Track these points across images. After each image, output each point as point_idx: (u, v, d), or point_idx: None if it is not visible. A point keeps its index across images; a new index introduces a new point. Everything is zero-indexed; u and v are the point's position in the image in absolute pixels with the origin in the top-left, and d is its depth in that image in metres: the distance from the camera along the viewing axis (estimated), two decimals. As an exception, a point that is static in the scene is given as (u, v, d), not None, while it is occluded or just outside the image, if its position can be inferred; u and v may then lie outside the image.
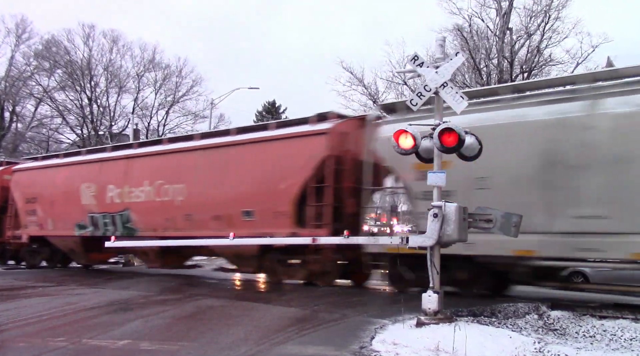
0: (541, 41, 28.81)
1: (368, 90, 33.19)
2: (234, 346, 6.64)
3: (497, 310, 8.95)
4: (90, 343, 6.90)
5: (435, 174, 7.72)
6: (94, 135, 41.41)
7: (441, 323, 7.23)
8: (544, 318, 8.50)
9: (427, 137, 7.88)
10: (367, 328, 7.45)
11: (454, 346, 6.20)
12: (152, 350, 6.55)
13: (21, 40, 41.02)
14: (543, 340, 6.76)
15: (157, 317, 8.56)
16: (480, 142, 8.03)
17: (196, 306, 9.57)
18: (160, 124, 45.26)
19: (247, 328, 7.60)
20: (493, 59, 29.12)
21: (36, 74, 41.24)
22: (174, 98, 45.09)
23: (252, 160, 13.20)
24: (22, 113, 42.47)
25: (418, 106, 7.96)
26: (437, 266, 7.69)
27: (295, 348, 6.56)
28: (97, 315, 8.92)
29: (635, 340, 7.17)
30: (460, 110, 7.78)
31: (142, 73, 44.08)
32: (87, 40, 42.37)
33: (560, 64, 28.83)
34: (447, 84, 7.77)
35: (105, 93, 43.12)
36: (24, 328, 7.94)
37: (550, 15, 28.43)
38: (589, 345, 6.98)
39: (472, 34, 29.60)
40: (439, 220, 7.52)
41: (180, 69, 44.90)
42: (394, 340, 6.63)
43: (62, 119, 42.61)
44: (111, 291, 11.81)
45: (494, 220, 8.03)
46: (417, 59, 8.06)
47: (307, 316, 8.57)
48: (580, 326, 7.97)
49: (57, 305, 9.81)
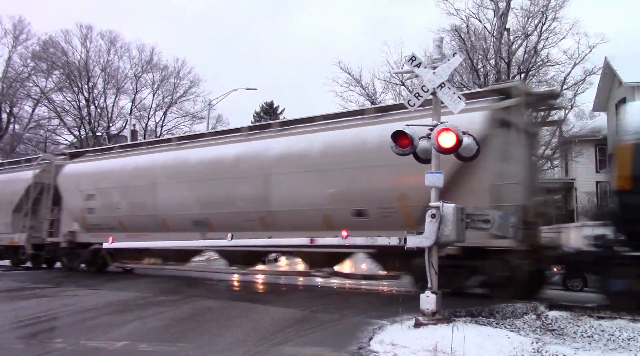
0: (538, 42, 28.92)
1: (366, 91, 33.28)
2: (232, 347, 6.64)
3: (495, 310, 8.95)
4: (88, 344, 6.90)
5: (432, 175, 7.74)
6: (92, 136, 41.37)
7: (439, 324, 7.23)
8: (542, 319, 8.51)
9: (425, 137, 7.90)
10: (366, 328, 7.45)
11: (452, 347, 6.20)
12: (150, 351, 6.55)
13: (19, 41, 41.06)
14: (541, 340, 6.77)
15: (155, 318, 8.55)
16: (478, 143, 8.06)
17: (195, 308, 9.56)
18: (158, 125, 45.31)
19: (245, 329, 7.60)
20: (490, 60, 29.19)
21: (34, 75, 41.27)
22: (171, 99, 45.16)
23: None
24: (19, 114, 42.51)
25: (416, 106, 7.97)
26: (435, 266, 7.70)
27: (294, 349, 6.56)
28: (96, 316, 8.90)
29: (633, 340, 7.18)
30: (457, 111, 7.79)
31: (139, 74, 44.15)
32: (84, 41, 42.43)
33: (558, 64, 28.94)
34: (445, 85, 7.78)
35: (103, 94, 43.17)
36: (22, 329, 7.93)
37: (548, 15, 28.56)
38: (587, 345, 6.99)
39: (469, 34, 29.66)
40: (437, 220, 7.53)
41: (178, 70, 45.03)
42: (392, 341, 6.63)
43: (59, 120, 42.62)
44: (109, 293, 11.79)
45: (492, 221, 8.05)
46: (415, 59, 8.07)
47: (306, 317, 8.57)
48: (578, 326, 7.98)
49: (55, 307, 9.80)
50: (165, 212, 14.56)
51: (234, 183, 13.10)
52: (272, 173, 12.48)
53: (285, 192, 12.26)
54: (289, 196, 12.21)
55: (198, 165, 14.10)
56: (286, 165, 12.33)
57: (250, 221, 12.75)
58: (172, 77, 45.04)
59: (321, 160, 11.84)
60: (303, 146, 12.33)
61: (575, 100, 29.99)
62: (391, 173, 10.62)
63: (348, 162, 11.41)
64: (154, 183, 14.86)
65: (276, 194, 12.38)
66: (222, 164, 13.58)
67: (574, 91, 29.28)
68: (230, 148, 13.75)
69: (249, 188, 12.84)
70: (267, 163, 12.65)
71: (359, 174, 11.26)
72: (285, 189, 12.28)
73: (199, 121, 45.48)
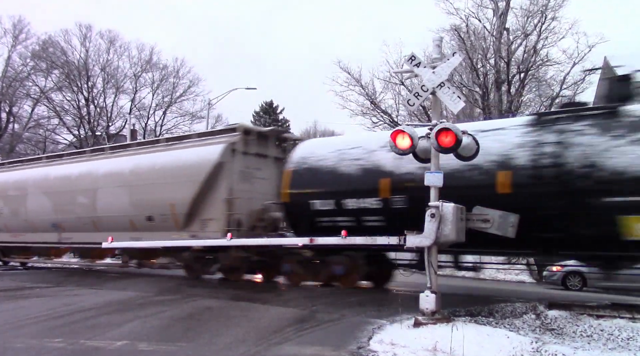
0: (538, 41, 28.84)
1: (365, 91, 33.20)
2: (232, 346, 6.64)
3: (494, 310, 8.97)
4: (88, 344, 6.89)
5: (432, 174, 7.75)
6: (91, 135, 41.34)
7: (439, 324, 7.24)
8: (542, 318, 8.52)
9: (425, 137, 7.91)
10: (365, 328, 7.46)
11: (451, 347, 6.21)
12: (150, 351, 6.54)
13: (18, 40, 40.99)
14: (540, 340, 6.78)
15: (155, 318, 8.55)
16: (477, 142, 8.06)
17: (194, 307, 9.56)
18: (158, 124, 45.28)
19: (245, 329, 7.60)
20: (490, 59, 29.14)
21: (33, 74, 41.19)
22: (171, 98, 45.09)
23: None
24: (19, 114, 42.44)
25: (416, 106, 7.98)
26: (434, 266, 7.70)
27: (294, 348, 6.56)
28: (95, 315, 8.90)
29: (632, 340, 7.19)
30: (457, 110, 7.81)
31: (139, 73, 44.07)
32: (84, 40, 42.36)
33: (557, 64, 28.88)
34: (445, 84, 7.79)
35: (102, 93, 43.11)
36: (22, 329, 7.92)
37: (547, 15, 28.48)
38: (586, 344, 7.00)
39: (469, 34, 29.61)
40: (436, 220, 7.54)
41: (178, 69, 44.95)
42: (391, 340, 6.64)
43: (59, 120, 42.55)
44: (109, 292, 11.79)
45: (492, 220, 8.06)
46: (414, 59, 8.08)
47: (306, 316, 8.57)
48: (578, 326, 7.99)
49: (55, 306, 9.80)
50: (34, 217, 18.32)
51: (76, 194, 16.77)
52: (99, 188, 16.22)
53: (106, 202, 15.95)
54: (109, 205, 15.86)
55: (54, 180, 17.90)
56: (108, 181, 16.07)
57: (86, 224, 16.48)
58: (171, 76, 44.99)
59: (129, 178, 15.50)
60: (119, 166, 16.12)
61: (574, 100, 29.98)
62: (166, 188, 14.32)
63: (144, 180, 15.01)
64: (26, 193, 18.62)
65: (100, 204, 16.10)
66: (69, 180, 17.36)
67: (574, 90, 29.28)
68: (75, 167, 17.62)
69: (85, 199, 16.54)
70: (96, 179, 16.43)
71: (150, 189, 14.75)
72: (106, 200, 15.98)
73: (198, 120, 45.49)
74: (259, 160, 14.38)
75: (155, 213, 14.59)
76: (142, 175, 15.08)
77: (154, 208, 14.55)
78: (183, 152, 14.73)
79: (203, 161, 13.86)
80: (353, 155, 11.68)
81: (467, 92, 28.48)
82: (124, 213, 15.33)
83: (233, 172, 13.70)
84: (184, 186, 13.89)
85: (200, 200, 13.82)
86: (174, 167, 14.41)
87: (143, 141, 19.66)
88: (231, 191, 13.58)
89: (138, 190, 15.00)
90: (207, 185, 13.66)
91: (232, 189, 13.60)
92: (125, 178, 15.51)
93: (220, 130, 16.25)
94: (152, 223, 14.66)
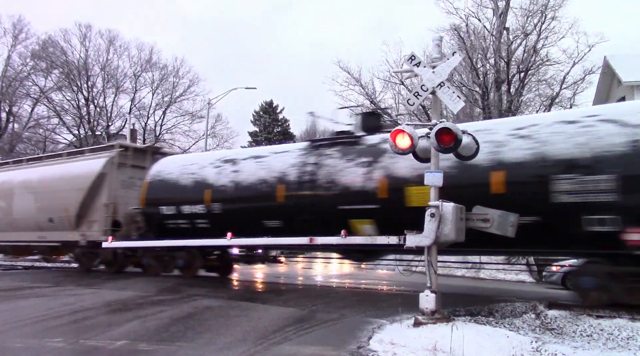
0: (538, 41, 28.88)
1: (365, 90, 33.26)
2: (232, 346, 6.64)
3: (494, 309, 8.96)
4: (87, 343, 6.88)
5: (432, 174, 7.74)
6: (91, 135, 41.34)
7: (439, 323, 7.24)
8: (541, 318, 8.51)
9: (424, 137, 7.90)
10: (365, 328, 7.46)
11: (451, 346, 6.21)
12: (150, 350, 6.54)
13: (18, 40, 41.05)
14: (540, 340, 6.78)
15: (154, 318, 8.54)
16: (477, 142, 8.06)
17: (194, 307, 9.55)
18: (158, 124, 45.27)
19: (245, 329, 7.60)
20: (490, 59, 29.16)
21: (33, 74, 41.24)
22: (171, 98, 45.11)
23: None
24: (19, 113, 42.48)
25: (415, 106, 7.97)
26: (434, 266, 7.70)
27: (293, 348, 6.56)
28: (95, 315, 8.89)
29: (632, 339, 7.19)
30: (457, 110, 7.81)
31: (139, 73, 44.10)
32: (83, 40, 42.41)
33: (557, 63, 28.93)
34: (444, 84, 7.78)
35: (102, 93, 43.14)
36: (21, 329, 7.92)
37: (547, 15, 28.52)
38: (586, 344, 7.00)
39: (469, 33, 29.64)
40: (436, 219, 7.53)
41: (177, 69, 44.97)
42: (391, 340, 6.63)
43: (59, 119, 42.58)
44: (108, 292, 11.78)
45: (491, 220, 8.06)
46: (414, 58, 8.07)
47: (305, 316, 8.57)
48: (578, 325, 7.98)
49: (54, 306, 9.78)
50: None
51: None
52: (14, 194, 18.95)
53: (19, 206, 18.68)
54: (21, 209, 18.56)
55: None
56: (21, 188, 18.85)
57: (6, 224, 19.08)
58: (171, 76, 45.06)
59: (37, 185, 18.32)
60: (30, 176, 18.96)
61: (574, 99, 30.02)
62: (62, 195, 17.02)
63: (47, 187, 17.80)
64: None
65: (15, 207, 18.86)
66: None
67: (574, 90, 29.32)
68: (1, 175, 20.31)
69: (4, 203, 19.20)
70: (13, 186, 19.14)
71: (51, 195, 17.48)
72: (19, 204, 18.69)
73: (198, 120, 45.51)
74: (138, 171, 16.87)
75: (54, 215, 17.34)
76: (46, 183, 18.03)
77: (53, 212, 17.30)
78: (76, 164, 17.76)
79: (88, 172, 16.85)
80: (190, 170, 14.59)
81: (467, 92, 28.50)
82: (32, 216, 18.14)
83: (112, 181, 16.56)
84: (74, 193, 16.80)
85: (87, 204, 16.68)
86: (68, 177, 17.37)
87: (51, 154, 23.30)
88: (111, 197, 16.40)
89: (42, 196, 17.88)
90: (92, 192, 16.54)
91: (112, 195, 16.46)
92: (33, 186, 18.49)
93: (105, 146, 19.43)
94: (53, 224, 17.45)
